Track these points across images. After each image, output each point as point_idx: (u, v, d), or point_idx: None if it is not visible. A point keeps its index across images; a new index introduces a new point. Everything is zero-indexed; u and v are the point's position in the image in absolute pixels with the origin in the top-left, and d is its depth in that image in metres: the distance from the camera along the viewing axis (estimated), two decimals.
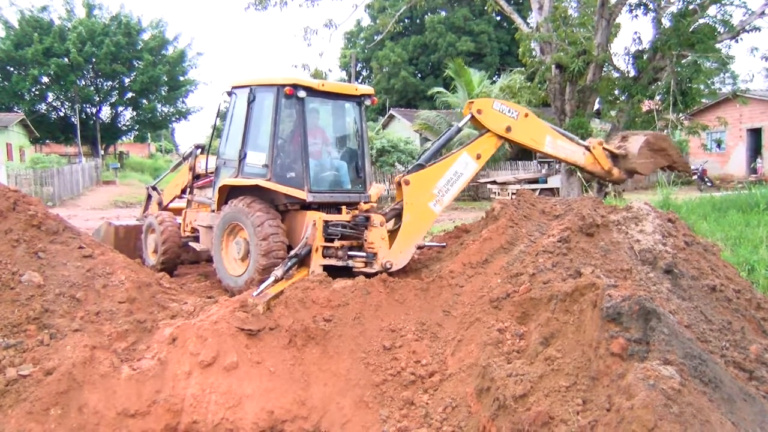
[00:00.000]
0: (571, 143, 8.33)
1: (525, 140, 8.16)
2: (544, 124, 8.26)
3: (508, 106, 8.05)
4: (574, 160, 8.40)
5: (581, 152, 8.36)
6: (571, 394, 4.73)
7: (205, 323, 6.66)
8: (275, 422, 6.17)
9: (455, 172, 7.92)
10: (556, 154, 8.29)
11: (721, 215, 17.80)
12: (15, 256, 7.12)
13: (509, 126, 7.97)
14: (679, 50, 15.53)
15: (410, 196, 7.76)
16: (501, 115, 7.97)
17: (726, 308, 6.92)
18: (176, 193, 11.49)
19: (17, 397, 5.85)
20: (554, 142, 8.14)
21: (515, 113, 7.99)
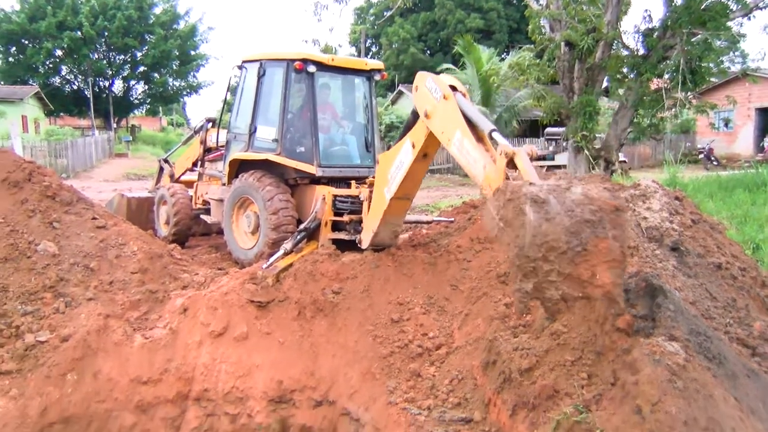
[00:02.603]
0: (479, 149, 5.21)
1: (436, 131, 5.83)
2: (458, 115, 5.47)
3: (438, 83, 5.81)
4: (472, 174, 5.32)
5: (482, 165, 5.09)
6: (577, 369, 4.71)
7: (216, 294, 6.68)
8: (284, 392, 6.21)
9: (400, 161, 6.56)
10: (458, 160, 5.58)
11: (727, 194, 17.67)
12: (31, 225, 7.16)
13: (428, 110, 5.90)
14: (690, 28, 15.24)
15: (377, 175, 7.13)
16: (427, 95, 5.94)
17: (731, 286, 6.89)
18: (187, 166, 11.47)
19: (36, 362, 5.97)
20: (461, 142, 5.38)
21: (438, 93, 5.74)
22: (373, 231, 7.02)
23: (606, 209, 3.55)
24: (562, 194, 3.58)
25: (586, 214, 3.51)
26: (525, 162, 4.44)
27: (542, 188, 3.67)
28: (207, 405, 6.15)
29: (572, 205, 3.54)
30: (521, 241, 3.61)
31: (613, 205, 3.59)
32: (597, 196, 3.59)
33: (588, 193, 3.60)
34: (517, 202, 3.67)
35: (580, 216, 3.49)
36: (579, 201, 3.54)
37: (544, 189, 3.65)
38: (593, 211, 3.52)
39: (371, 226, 7.11)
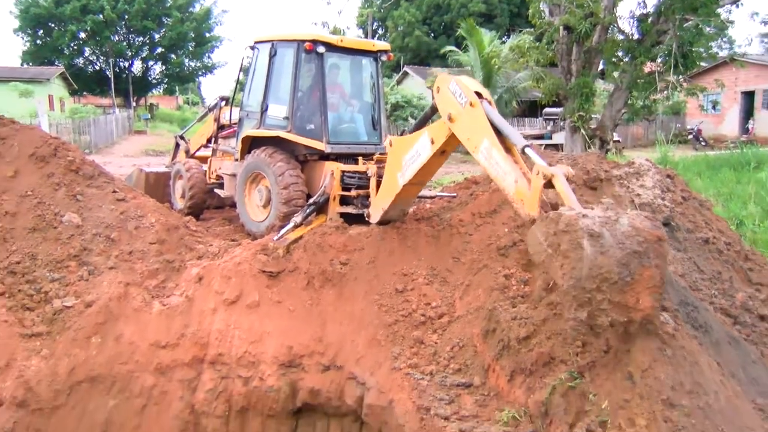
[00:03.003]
0: (509, 161, 4.88)
1: (461, 136, 5.50)
2: (486, 123, 5.13)
3: (462, 88, 5.43)
4: (501, 186, 5.01)
5: (513, 179, 4.77)
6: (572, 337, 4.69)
7: (229, 264, 6.67)
8: (294, 357, 6.22)
9: (416, 151, 6.24)
10: (486, 169, 5.26)
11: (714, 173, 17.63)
12: (56, 198, 7.16)
13: (452, 114, 5.53)
14: (682, 14, 15.10)
15: (389, 158, 6.85)
16: (451, 99, 5.57)
17: (717, 259, 6.88)
18: (202, 142, 11.41)
19: (63, 326, 6.03)
20: (489, 152, 5.04)
21: (464, 99, 5.36)
22: (383, 210, 6.89)
23: (651, 240, 3.59)
24: (613, 226, 3.60)
25: (634, 245, 3.55)
26: (564, 185, 4.21)
27: (596, 221, 3.64)
28: (221, 368, 6.17)
29: (623, 238, 3.56)
30: (578, 273, 3.60)
31: (656, 235, 3.63)
32: (642, 226, 3.62)
33: (635, 224, 3.63)
34: (574, 235, 3.64)
35: (630, 248, 3.53)
36: (628, 233, 3.57)
37: (598, 222, 3.64)
38: (640, 242, 3.56)
39: (381, 205, 6.97)
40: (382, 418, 5.61)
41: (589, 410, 3.73)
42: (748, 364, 5.11)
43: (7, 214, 6.82)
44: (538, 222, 4.03)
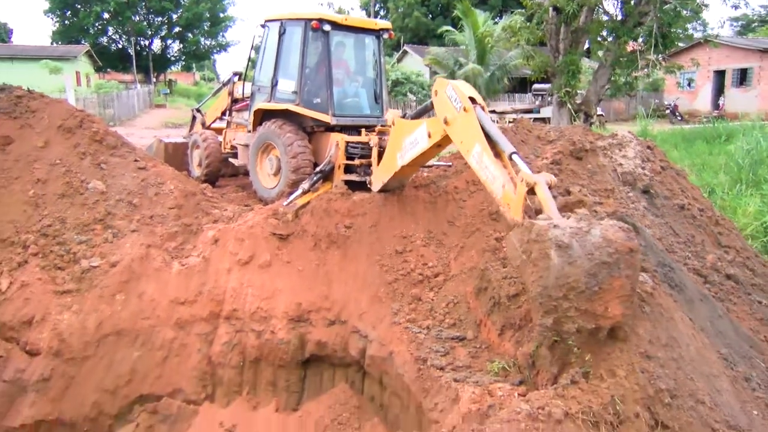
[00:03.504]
0: (498, 166, 4.68)
1: (455, 139, 5.35)
2: (478, 129, 4.90)
3: (458, 93, 5.22)
4: (490, 190, 4.80)
5: (501, 183, 4.57)
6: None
7: (243, 228, 6.63)
8: (302, 312, 6.22)
9: (415, 138, 6.08)
10: (477, 173, 5.03)
11: (689, 145, 17.54)
12: (82, 166, 7.09)
13: (447, 118, 5.35)
14: None
15: (391, 136, 6.74)
16: (447, 103, 5.35)
17: (691, 224, 6.85)
18: (217, 115, 11.28)
19: (90, 284, 6.02)
20: (480, 156, 4.86)
21: (459, 104, 5.18)
22: (383, 182, 6.85)
23: (622, 251, 3.45)
24: (583, 237, 3.45)
25: (604, 256, 3.41)
26: (545, 193, 4.06)
27: (565, 232, 3.49)
28: (236, 323, 6.17)
29: (592, 249, 3.43)
30: (545, 282, 3.48)
31: (628, 246, 3.48)
32: (614, 238, 3.46)
33: (606, 235, 3.47)
34: (543, 245, 3.51)
35: (599, 258, 3.40)
36: (598, 244, 3.43)
37: (567, 233, 3.48)
38: (610, 253, 3.42)
39: (381, 178, 6.89)
40: (383, 368, 5.64)
41: (573, 362, 3.71)
42: (716, 318, 5.12)
43: (39, 182, 6.76)
44: (514, 229, 3.91)
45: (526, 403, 3.36)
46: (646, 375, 3.41)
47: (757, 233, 9.03)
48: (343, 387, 6.18)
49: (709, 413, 3.29)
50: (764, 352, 5.17)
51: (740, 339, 5.09)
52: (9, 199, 6.53)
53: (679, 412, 3.25)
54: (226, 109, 10.72)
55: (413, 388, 5.05)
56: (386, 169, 6.70)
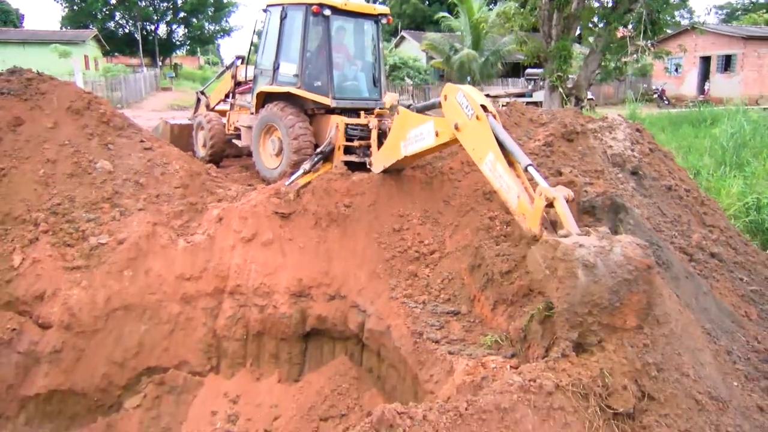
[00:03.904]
0: (512, 176, 4.54)
1: (467, 146, 5.15)
2: (491, 137, 4.74)
3: (469, 100, 5.03)
4: (504, 198, 4.65)
5: (516, 194, 4.45)
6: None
7: (246, 206, 6.58)
8: (303, 288, 6.20)
9: (421, 133, 5.90)
10: (490, 181, 4.85)
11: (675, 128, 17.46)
12: (90, 147, 7.01)
13: (458, 124, 5.17)
14: None
15: (395, 123, 6.52)
16: (458, 109, 5.17)
17: (677, 204, 6.81)
18: (221, 97, 11.15)
19: (99, 260, 5.97)
20: (494, 165, 4.71)
21: (471, 112, 5.00)
22: (384, 167, 6.73)
23: (641, 268, 3.48)
24: (606, 256, 3.48)
25: (625, 273, 3.45)
26: (564, 208, 3.98)
27: (591, 251, 3.49)
28: (239, 298, 6.15)
29: (615, 267, 3.46)
30: (572, 299, 3.48)
31: (646, 263, 3.51)
32: (633, 255, 3.50)
33: (626, 253, 3.50)
34: (570, 264, 3.48)
35: (621, 276, 3.44)
36: (620, 262, 3.47)
37: (593, 252, 3.49)
38: (630, 270, 3.46)
39: (382, 162, 6.75)
40: (381, 341, 5.63)
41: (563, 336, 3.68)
42: (700, 295, 5.12)
43: (49, 161, 6.68)
44: (538, 245, 3.83)
45: (518, 375, 3.34)
46: (635, 350, 3.39)
47: (740, 213, 9.01)
48: (342, 359, 6.18)
49: (693, 385, 3.29)
50: (744, 327, 5.18)
51: (722, 314, 5.09)
52: (20, 178, 6.46)
53: (665, 384, 3.24)
54: (230, 92, 10.61)
55: (410, 361, 5.04)
56: (389, 156, 6.59)
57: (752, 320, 5.36)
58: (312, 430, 5.49)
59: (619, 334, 3.50)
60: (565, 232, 3.81)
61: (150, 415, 5.63)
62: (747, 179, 10.49)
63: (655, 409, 3.16)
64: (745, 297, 5.75)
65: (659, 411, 3.15)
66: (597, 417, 3.17)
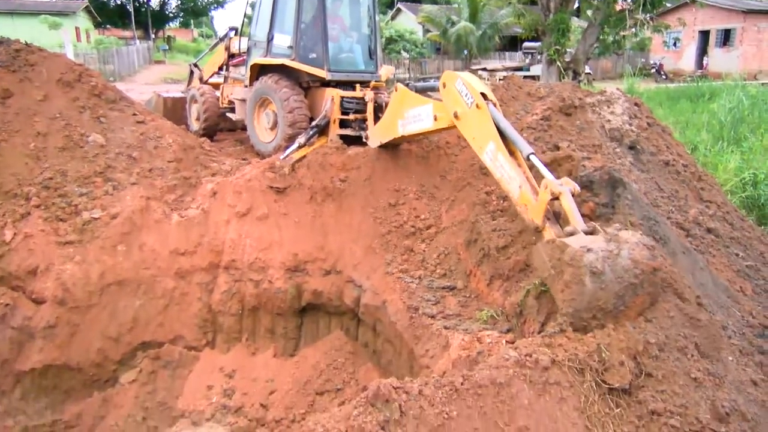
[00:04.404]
0: (513, 165, 4.47)
1: (467, 135, 5.07)
2: (492, 127, 4.66)
3: (469, 88, 4.93)
4: (505, 189, 4.57)
5: (518, 184, 4.38)
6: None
7: (240, 181, 6.52)
8: (299, 263, 6.17)
9: (419, 114, 5.80)
10: (491, 170, 4.78)
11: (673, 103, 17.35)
12: (82, 120, 6.90)
13: (458, 112, 5.07)
14: None
15: (393, 101, 6.38)
16: (457, 97, 5.08)
17: (675, 179, 6.77)
18: (214, 70, 11.01)
19: (92, 235, 5.91)
20: (495, 155, 4.62)
21: (471, 100, 4.90)
22: (381, 142, 6.65)
23: (647, 270, 3.47)
24: (614, 261, 3.44)
25: (631, 278, 3.44)
26: (570, 203, 3.91)
27: (599, 256, 3.43)
28: (234, 273, 6.12)
29: (622, 272, 3.42)
30: (577, 305, 3.44)
31: (652, 266, 3.50)
32: (640, 258, 3.46)
33: (634, 256, 3.46)
34: (578, 270, 3.43)
35: (627, 281, 3.42)
36: (627, 267, 3.44)
37: (600, 257, 3.43)
38: (637, 274, 3.45)
39: (379, 138, 6.66)
40: (377, 316, 5.63)
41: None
42: (697, 270, 5.10)
43: (39, 135, 6.57)
44: (545, 244, 3.78)
45: (514, 350, 3.32)
46: (638, 330, 3.38)
47: (737, 189, 8.98)
48: (338, 334, 6.18)
49: (693, 364, 3.28)
50: (739, 302, 5.18)
51: (718, 289, 5.08)
52: (10, 152, 6.36)
53: (664, 362, 3.23)
54: (223, 65, 10.49)
55: (405, 335, 5.04)
56: (386, 133, 6.51)
57: (747, 295, 5.36)
58: (308, 404, 5.51)
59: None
60: (572, 229, 3.75)
61: (146, 389, 5.63)
62: (744, 154, 10.44)
63: (651, 386, 3.15)
64: (741, 272, 5.75)
65: (656, 387, 3.15)
66: (592, 392, 3.16)
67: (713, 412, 3.10)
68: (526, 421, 3.00)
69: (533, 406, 3.06)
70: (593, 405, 3.12)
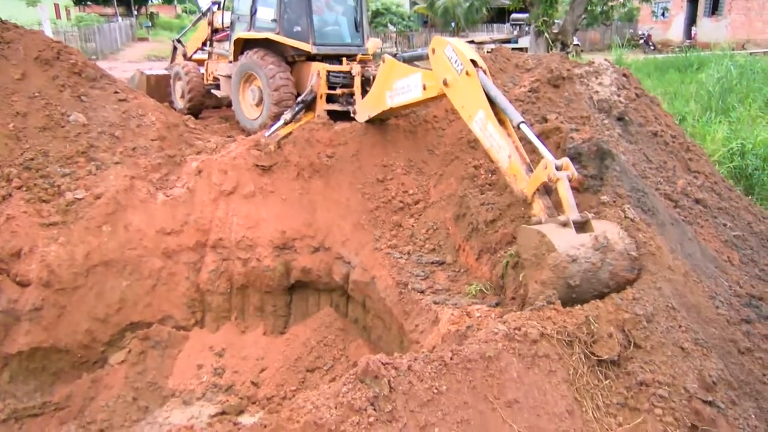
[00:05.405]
0: (503, 135, 4.44)
1: (456, 103, 4.99)
2: (482, 95, 4.60)
3: (459, 55, 4.83)
4: (494, 158, 4.56)
5: (507, 154, 4.36)
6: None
7: (226, 159, 6.44)
8: (287, 240, 6.13)
9: (408, 85, 5.70)
10: (480, 139, 4.71)
11: (661, 74, 17.29)
12: (62, 99, 6.75)
13: (447, 80, 4.97)
14: None
15: (381, 73, 6.28)
16: (447, 63, 4.96)
17: (663, 150, 6.76)
18: (198, 45, 10.80)
19: (76, 216, 5.82)
20: (484, 124, 4.56)
21: (460, 67, 4.80)
22: (369, 116, 6.56)
23: (621, 282, 3.65)
24: (595, 274, 3.59)
25: (603, 288, 3.61)
26: (566, 191, 3.89)
27: (581, 269, 3.53)
28: (222, 251, 6.08)
29: (598, 285, 3.60)
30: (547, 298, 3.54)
31: (627, 278, 3.68)
32: (619, 270, 3.64)
33: (614, 269, 3.63)
34: (557, 278, 3.54)
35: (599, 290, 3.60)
36: (605, 281, 3.62)
37: (582, 270, 3.54)
38: (611, 285, 3.63)
39: (367, 112, 6.58)
40: (366, 292, 5.62)
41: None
42: (685, 241, 5.10)
43: (18, 115, 6.42)
44: (533, 232, 3.77)
45: (503, 323, 3.32)
46: (625, 302, 3.38)
47: (724, 159, 8.99)
48: (327, 311, 6.18)
49: (681, 335, 3.29)
50: (727, 272, 5.20)
51: (706, 260, 5.10)
52: None
53: (653, 333, 3.24)
54: (207, 40, 10.28)
55: (395, 311, 5.04)
56: (374, 106, 6.42)
57: (734, 265, 5.38)
58: (298, 381, 5.52)
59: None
60: (565, 219, 3.75)
61: (135, 370, 5.61)
62: (732, 125, 10.44)
63: (640, 357, 3.16)
64: (728, 242, 5.77)
65: (644, 358, 3.16)
66: (581, 364, 3.17)
67: (701, 382, 3.12)
68: (516, 394, 3.01)
69: (522, 378, 3.06)
70: (582, 377, 3.13)
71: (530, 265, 3.75)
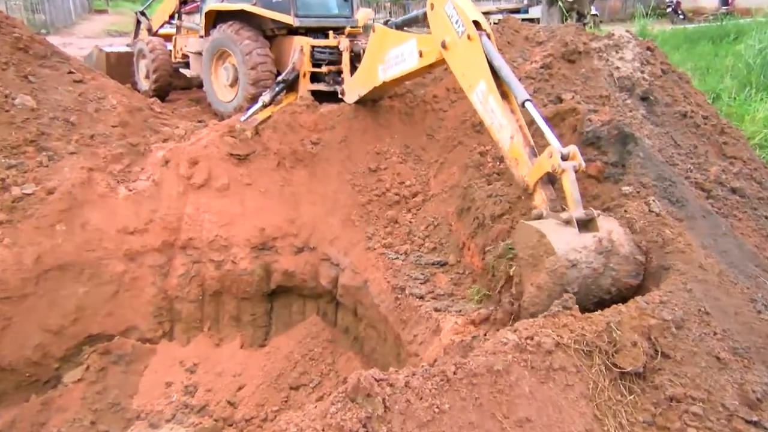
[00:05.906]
0: (506, 111, 4.39)
1: (455, 69, 4.88)
2: (484, 63, 4.49)
3: (460, 14, 4.73)
4: (495, 138, 4.49)
5: (509, 134, 4.31)
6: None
7: (196, 147, 6.43)
8: (266, 239, 6.13)
9: (402, 54, 5.62)
10: (480, 114, 4.67)
11: (692, 46, 17.29)
12: (5, 79, 6.71)
13: (446, 41, 4.87)
14: None
15: (371, 43, 6.23)
16: (446, 23, 4.84)
17: (693, 133, 6.77)
18: (165, 18, 10.75)
19: (24, 214, 5.80)
20: (485, 96, 4.46)
21: (462, 29, 4.68)
22: (360, 95, 6.54)
23: (623, 288, 3.70)
24: (595, 280, 3.63)
25: (603, 294, 3.66)
26: (571, 185, 3.88)
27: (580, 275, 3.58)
28: (193, 253, 6.08)
29: (598, 291, 3.64)
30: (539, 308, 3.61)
31: (630, 284, 3.72)
32: (622, 276, 3.67)
33: (617, 275, 3.66)
34: (554, 284, 3.58)
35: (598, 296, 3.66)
36: (606, 288, 3.66)
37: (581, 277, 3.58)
38: (612, 292, 3.68)
39: (358, 90, 6.57)
40: (357, 297, 5.62)
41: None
42: (719, 236, 5.11)
43: None
44: (532, 231, 3.77)
45: (513, 332, 3.30)
46: (651, 305, 3.37)
47: (766, 142, 9.00)
48: (314, 319, 6.19)
49: (717, 343, 3.28)
50: None
51: (745, 257, 5.10)
52: None
53: (684, 341, 3.23)
54: (174, 12, 10.24)
55: (390, 319, 5.04)
56: (365, 82, 6.40)
57: None
58: (281, 400, 5.52)
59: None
60: (567, 217, 3.75)
61: (94, 389, 5.60)
62: None
63: (669, 368, 3.15)
64: None
65: (674, 370, 3.15)
66: (602, 377, 3.16)
67: (742, 398, 3.10)
68: (527, 412, 2.99)
69: (535, 394, 3.05)
70: (603, 392, 3.12)
71: (526, 265, 3.78)
